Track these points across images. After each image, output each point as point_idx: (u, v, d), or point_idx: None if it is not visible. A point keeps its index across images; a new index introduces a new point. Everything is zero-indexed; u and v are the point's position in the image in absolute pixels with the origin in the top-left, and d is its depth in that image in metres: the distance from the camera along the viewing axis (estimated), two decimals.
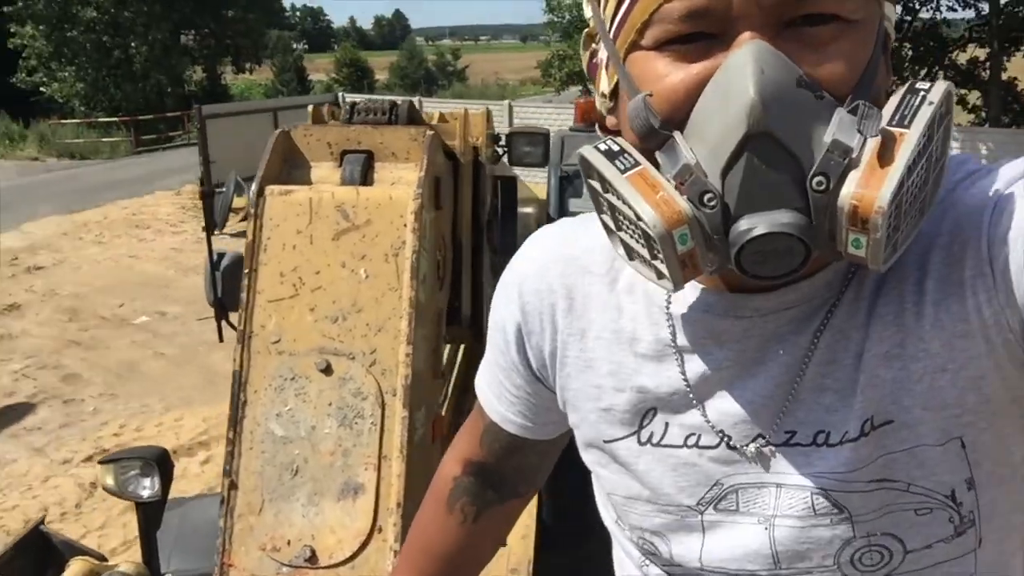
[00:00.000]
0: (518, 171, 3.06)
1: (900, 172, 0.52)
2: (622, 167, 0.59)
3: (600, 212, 0.63)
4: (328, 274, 1.64)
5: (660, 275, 0.59)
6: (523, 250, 0.83)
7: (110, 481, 1.90)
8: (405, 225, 1.63)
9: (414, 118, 1.91)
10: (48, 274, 9.10)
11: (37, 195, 13.33)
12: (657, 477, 0.69)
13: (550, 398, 0.80)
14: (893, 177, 0.52)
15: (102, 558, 1.97)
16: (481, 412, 0.89)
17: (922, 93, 0.56)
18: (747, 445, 0.65)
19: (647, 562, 0.75)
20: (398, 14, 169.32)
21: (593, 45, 0.69)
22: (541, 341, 0.78)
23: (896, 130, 0.54)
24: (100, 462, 1.92)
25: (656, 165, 0.59)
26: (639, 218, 0.56)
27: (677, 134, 0.58)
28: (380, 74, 39.07)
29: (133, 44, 22.13)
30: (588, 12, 0.68)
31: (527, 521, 2.61)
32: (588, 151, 0.61)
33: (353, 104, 1.91)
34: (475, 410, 0.92)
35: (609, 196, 0.60)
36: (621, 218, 0.60)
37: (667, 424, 0.69)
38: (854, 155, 0.53)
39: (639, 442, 0.70)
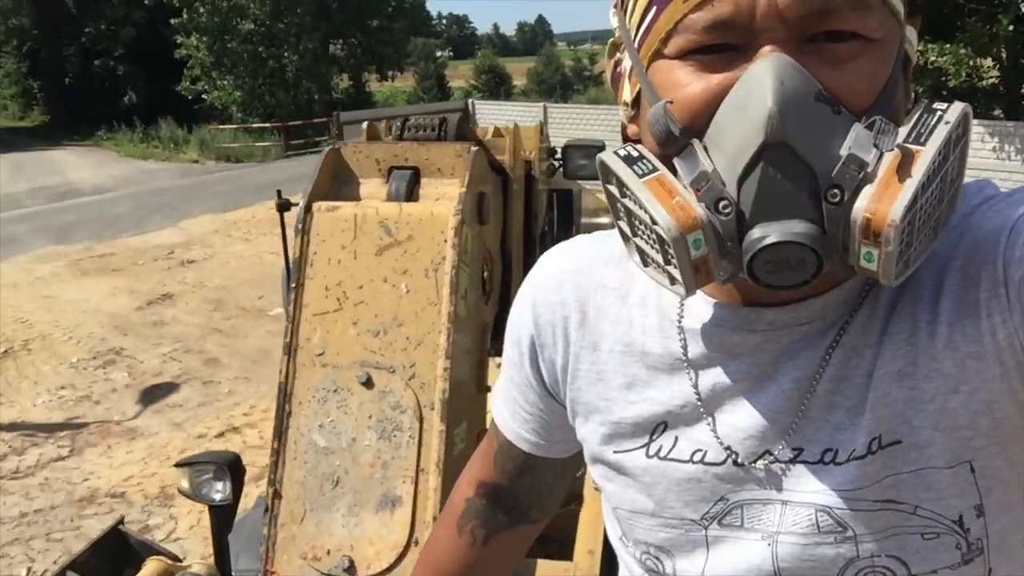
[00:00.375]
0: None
1: (914, 188, 0.52)
2: (640, 172, 0.60)
3: (617, 218, 0.64)
4: (371, 289, 1.66)
5: (673, 280, 0.59)
6: (539, 264, 0.83)
7: (185, 484, 1.98)
8: (445, 241, 1.63)
9: (463, 134, 1.90)
10: (199, 267, 9.81)
11: (195, 195, 14.39)
12: (662, 490, 0.69)
13: (562, 414, 0.80)
14: (907, 192, 0.52)
15: (176, 559, 2.06)
16: (496, 431, 0.89)
17: (939, 113, 0.56)
18: (755, 461, 0.65)
19: None
20: (541, 20, 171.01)
21: (618, 54, 0.70)
22: (554, 354, 0.78)
23: (912, 147, 0.54)
24: (176, 465, 2.02)
25: (674, 172, 0.59)
26: (654, 222, 0.57)
27: (696, 141, 0.58)
28: (518, 80, 39.57)
29: (286, 54, 23.48)
30: (614, 21, 0.68)
31: (595, 535, 2.55)
32: (607, 156, 0.62)
33: (404, 120, 1.92)
34: (490, 430, 0.92)
35: (626, 201, 0.61)
36: (637, 223, 0.61)
37: (676, 438, 0.68)
38: (869, 169, 0.54)
39: (647, 455, 0.70)
